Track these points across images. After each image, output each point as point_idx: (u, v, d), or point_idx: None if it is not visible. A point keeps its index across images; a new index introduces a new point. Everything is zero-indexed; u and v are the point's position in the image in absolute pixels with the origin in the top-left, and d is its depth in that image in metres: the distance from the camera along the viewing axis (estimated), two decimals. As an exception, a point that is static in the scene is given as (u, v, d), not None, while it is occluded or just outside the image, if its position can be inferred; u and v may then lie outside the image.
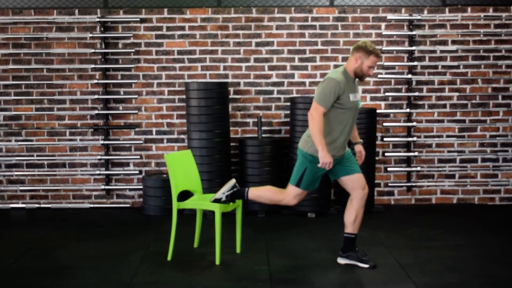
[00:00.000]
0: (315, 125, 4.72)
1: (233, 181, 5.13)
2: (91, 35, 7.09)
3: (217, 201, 5.09)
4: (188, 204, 5.27)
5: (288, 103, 7.18)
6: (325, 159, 4.71)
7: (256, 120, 7.22)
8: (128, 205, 7.33)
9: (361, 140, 5.23)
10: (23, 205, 7.26)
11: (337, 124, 4.85)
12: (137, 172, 7.28)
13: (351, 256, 5.04)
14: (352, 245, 5.02)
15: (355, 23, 7.20)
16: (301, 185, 4.94)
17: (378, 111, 7.13)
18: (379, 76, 7.19)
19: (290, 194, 5.00)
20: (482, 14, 7.17)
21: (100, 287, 4.67)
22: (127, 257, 5.34)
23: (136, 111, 7.22)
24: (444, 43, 7.22)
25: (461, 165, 7.36)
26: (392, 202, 7.39)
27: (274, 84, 7.24)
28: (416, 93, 7.20)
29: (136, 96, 7.18)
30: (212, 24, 7.19)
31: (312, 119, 4.73)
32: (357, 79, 4.94)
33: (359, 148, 5.17)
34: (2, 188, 7.29)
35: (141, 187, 7.18)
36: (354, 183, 4.95)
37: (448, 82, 7.26)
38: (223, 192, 5.08)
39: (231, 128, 7.14)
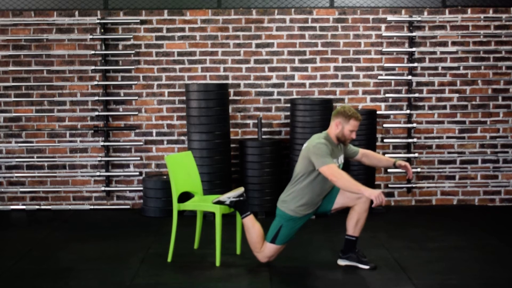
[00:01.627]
0: (341, 180, 4.65)
1: (242, 189, 5.14)
2: (91, 36, 7.09)
3: (220, 202, 5.09)
4: (188, 205, 5.27)
5: (288, 105, 7.18)
6: (372, 195, 4.55)
7: (256, 121, 7.22)
8: (128, 207, 7.33)
9: (394, 159, 5.19)
10: (23, 207, 7.26)
11: (318, 188, 4.89)
12: (137, 173, 7.28)
13: (351, 257, 5.04)
14: (353, 247, 5.02)
15: (355, 24, 7.20)
16: (276, 241, 4.99)
17: (378, 112, 7.13)
18: (379, 77, 7.19)
19: (263, 252, 5.04)
20: (482, 15, 7.17)
21: (100, 289, 4.67)
22: (127, 258, 5.34)
23: (136, 113, 7.22)
24: (444, 44, 7.23)
25: (461, 166, 7.35)
26: (392, 203, 7.39)
27: (274, 85, 7.24)
28: (416, 94, 7.20)
29: (136, 98, 7.19)
30: (212, 26, 7.19)
31: (335, 178, 4.65)
32: (340, 144, 4.97)
33: (402, 164, 5.10)
34: (2, 189, 7.29)
35: (141, 188, 7.18)
36: (350, 195, 4.89)
37: (448, 83, 7.26)
38: (229, 196, 5.09)
39: (231, 130, 7.14)
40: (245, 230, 5.12)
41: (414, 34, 7.12)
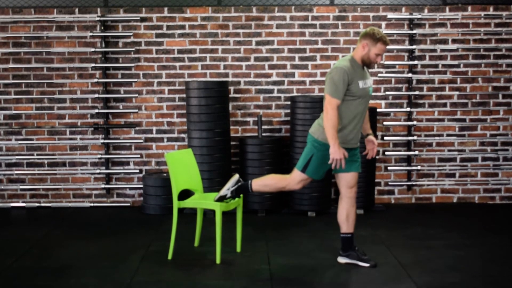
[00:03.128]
0: (328, 120, 4.64)
1: (236, 176, 5.09)
2: (91, 34, 7.08)
3: (222, 198, 5.05)
4: (188, 203, 5.26)
5: (289, 102, 7.17)
6: (335, 155, 4.62)
7: (256, 119, 7.21)
8: (129, 204, 7.33)
9: (372, 132, 5.13)
10: (23, 204, 7.26)
11: (348, 112, 4.77)
12: (138, 171, 7.28)
13: (351, 255, 5.03)
14: (351, 244, 5.01)
15: (355, 22, 7.19)
16: (306, 171, 4.87)
17: (378, 110, 7.13)
18: (379, 75, 7.19)
19: (294, 179, 4.93)
20: (482, 13, 7.17)
21: (100, 287, 4.66)
22: (128, 256, 5.34)
23: (136, 110, 7.22)
24: (445, 42, 7.22)
25: (462, 164, 7.35)
26: (393, 201, 7.39)
27: (275, 83, 7.24)
28: (417, 92, 7.20)
29: (136, 95, 7.18)
30: (213, 23, 7.18)
31: (326, 114, 4.66)
32: (365, 67, 4.86)
33: (371, 139, 5.06)
34: (2, 187, 7.29)
35: (142, 186, 7.18)
36: (344, 181, 4.91)
37: (449, 81, 7.26)
38: (228, 188, 5.05)
39: (231, 127, 7.14)
40: (263, 191, 5.13)
41: (414, 31, 7.12)
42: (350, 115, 4.80)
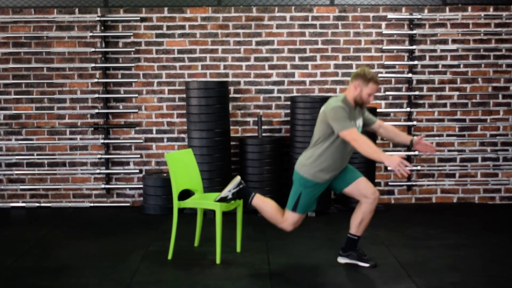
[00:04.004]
0: (363, 145, 4.57)
1: (238, 178, 5.09)
2: (91, 34, 7.08)
3: (223, 199, 5.05)
4: (188, 203, 5.26)
5: (289, 102, 7.17)
6: (393, 165, 4.45)
7: (256, 119, 7.21)
8: (128, 204, 7.33)
9: (411, 136, 5.07)
10: (23, 204, 7.26)
11: (337, 152, 4.80)
12: (137, 171, 7.28)
13: (351, 255, 5.03)
14: (354, 246, 5.01)
15: (355, 22, 7.20)
16: (297, 210, 4.91)
17: (378, 110, 7.13)
18: (379, 75, 7.19)
19: (287, 220, 4.96)
20: (482, 13, 7.17)
21: (100, 286, 4.66)
22: (128, 256, 5.34)
23: (136, 110, 7.22)
24: (445, 42, 7.22)
25: (462, 164, 7.36)
26: (393, 201, 7.39)
27: (275, 83, 7.24)
28: (417, 92, 7.20)
29: (136, 95, 7.18)
30: (213, 23, 7.18)
31: (356, 143, 4.59)
32: (357, 107, 4.87)
33: (417, 141, 4.93)
34: (2, 187, 7.29)
35: (141, 186, 7.18)
36: (362, 190, 4.86)
37: (449, 81, 7.26)
38: (229, 189, 5.05)
39: (231, 127, 7.14)
40: (259, 211, 5.06)
41: (414, 32, 7.12)
42: (339, 155, 4.81)
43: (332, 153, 4.79)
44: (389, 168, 7.28)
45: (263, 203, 5.03)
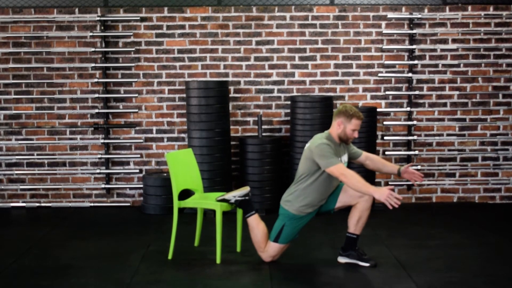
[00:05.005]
0: (351, 180, 4.62)
1: (247, 189, 5.14)
2: (91, 34, 7.08)
3: (224, 201, 5.08)
4: (189, 203, 5.26)
5: (289, 102, 7.17)
6: (382, 197, 4.52)
7: (256, 119, 7.21)
8: (129, 204, 7.33)
9: (398, 166, 5.12)
10: (24, 204, 7.26)
11: (321, 188, 4.86)
12: (138, 171, 7.28)
13: (351, 255, 5.03)
14: (354, 245, 5.01)
15: (355, 22, 7.19)
16: (279, 241, 4.99)
17: (378, 109, 7.12)
18: (379, 74, 7.19)
19: (268, 252, 5.04)
20: (482, 13, 7.17)
21: (100, 286, 4.66)
22: (128, 256, 5.34)
23: (136, 110, 7.22)
24: (445, 41, 7.22)
25: (462, 163, 7.35)
26: (393, 201, 7.38)
27: (275, 82, 7.24)
28: (417, 92, 7.20)
29: (136, 95, 7.18)
30: (213, 23, 7.18)
31: (345, 177, 4.63)
32: (342, 143, 4.93)
33: (405, 170, 5.03)
34: (3, 187, 7.29)
35: (142, 186, 7.18)
36: (353, 193, 4.87)
37: (449, 80, 7.26)
38: (234, 195, 5.09)
39: (231, 127, 7.14)
40: (250, 230, 5.11)
41: (414, 31, 7.12)
42: (324, 189, 4.89)
43: (317, 188, 4.88)
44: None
45: (257, 226, 5.08)
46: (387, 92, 7.23)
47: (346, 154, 4.99)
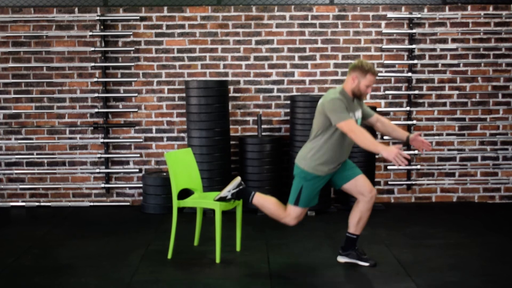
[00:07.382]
0: (360, 137, 4.56)
1: (238, 179, 5.09)
2: (91, 33, 7.08)
3: (222, 199, 5.05)
4: (188, 202, 5.27)
5: (288, 101, 7.17)
6: (390, 156, 4.44)
7: (256, 118, 7.22)
8: (128, 203, 7.33)
9: (408, 132, 5.05)
10: (23, 204, 7.26)
11: (336, 145, 4.78)
12: (137, 170, 7.28)
13: (351, 254, 5.03)
14: (354, 245, 5.01)
15: (355, 21, 7.20)
16: (299, 204, 4.90)
17: (378, 109, 7.13)
18: (379, 74, 7.19)
19: (290, 215, 4.95)
20: (482, 12, 7.17)
21: (100, 286, 4.66)
22: (127, 255, 5.34)
23: (136, 110, 7.22)
24: (444, 41, 7.22)
25: (461, 163, 7.36)
26: (392, 201, 7.39)
27: (274, 82, 7.24)
28: (416, 91, 7.20)
29: (136, 95, 7.18)
30: (212, 23, 7.18)
31: (354, 134, 4.58)
32: (356, 99, 4.86)
33: (413, 137, 4.91)
34: (2, 186, 7.29)
35: (141, 185, 7.18)
36: (359, 188, 4.87)
37: (448, 80, 7.26)
38: (229, 190, 5.05)
39: (231, 127, 7.14)
40: (260, 208, 5.04)
41: (414, 31, 7.12)
42: (338, 147, 4.80)
43: (331, 146, 4.78)
44: (388, 167, 7.28)
45: (264, 201, 5.03)
46: (387, 92, 7.23)
47: (359, 110, 4.88)
